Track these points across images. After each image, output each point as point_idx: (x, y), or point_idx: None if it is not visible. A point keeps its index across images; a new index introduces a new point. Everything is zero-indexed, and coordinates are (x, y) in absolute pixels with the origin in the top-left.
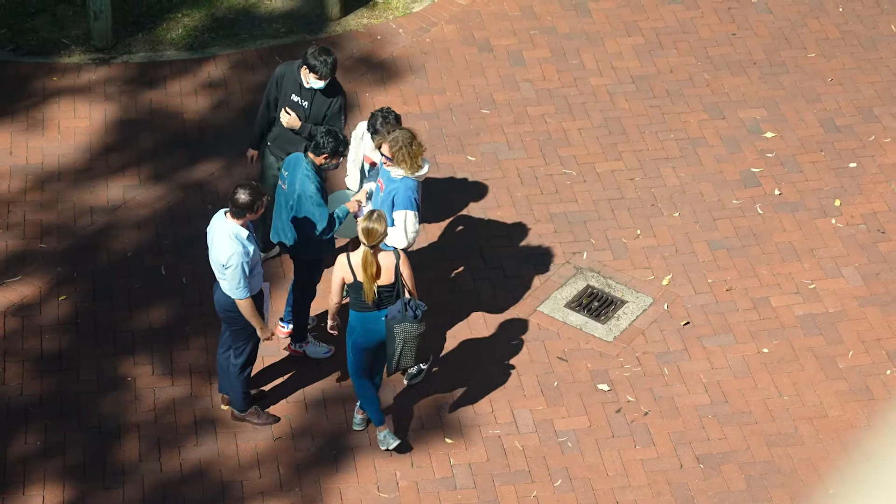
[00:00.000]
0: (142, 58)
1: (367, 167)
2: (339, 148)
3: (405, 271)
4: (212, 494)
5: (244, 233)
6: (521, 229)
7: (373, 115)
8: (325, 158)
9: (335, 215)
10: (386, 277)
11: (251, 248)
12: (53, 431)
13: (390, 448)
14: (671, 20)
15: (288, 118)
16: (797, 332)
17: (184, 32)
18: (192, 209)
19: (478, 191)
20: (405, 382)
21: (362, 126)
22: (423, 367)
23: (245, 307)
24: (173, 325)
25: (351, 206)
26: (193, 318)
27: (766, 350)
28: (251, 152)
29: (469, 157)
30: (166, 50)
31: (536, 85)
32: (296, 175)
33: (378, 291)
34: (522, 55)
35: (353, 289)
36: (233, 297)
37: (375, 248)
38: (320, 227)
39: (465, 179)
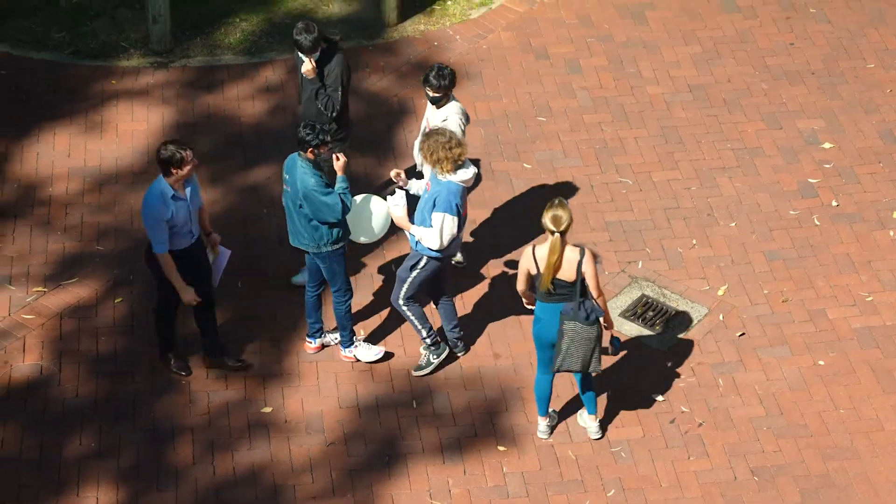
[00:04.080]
0: (200, 62)
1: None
2: (320, 137)
3: (588, 269)
4: (264, 498)
5: (170, 191)
6: (576, 237)
7: (430, 67)
8: (313, 152)
9: (339, 193)
10: (566, 273)
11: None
12: (108, 433)
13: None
14: (729, 29)
15: (307, 67)
16: (854, 344)
17: (241, 37)
18: (248, 213)
19: (533, 198)
20: (414, 373)
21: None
22: (433, 360)
23: (165, 262)
24: (227, 329)
25: (393, 175)
26: (247, 322)
27: (821, 362)
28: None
29: (525, 165)
30: (224, 54)
31: (593, 93)
32: (295, 175)
33: (555, 284)
34: (579, 63)
35: (538, 280)
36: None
37: (564, 235)
38: (334, 212)
39: (520, 186)
